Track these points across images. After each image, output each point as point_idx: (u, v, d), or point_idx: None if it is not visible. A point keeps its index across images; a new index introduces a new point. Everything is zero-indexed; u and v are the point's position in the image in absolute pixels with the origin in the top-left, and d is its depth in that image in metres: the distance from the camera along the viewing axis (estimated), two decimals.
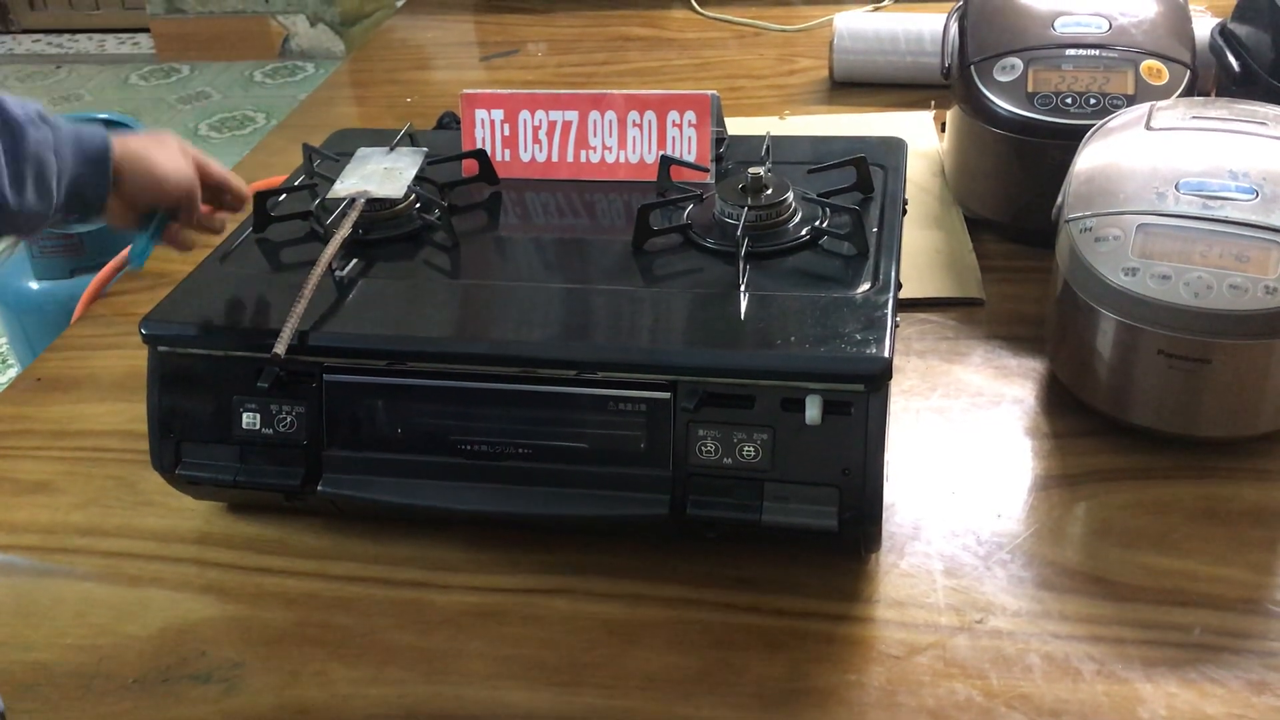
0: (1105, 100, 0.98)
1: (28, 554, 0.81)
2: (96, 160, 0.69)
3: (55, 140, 0.66)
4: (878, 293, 0.73)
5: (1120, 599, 0.70)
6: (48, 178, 0.65)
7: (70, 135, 0.68)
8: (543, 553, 0.76)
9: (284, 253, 0.84)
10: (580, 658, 0.69)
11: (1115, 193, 0.80)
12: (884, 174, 0.87)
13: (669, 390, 0.70)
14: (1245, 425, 0.79)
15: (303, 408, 0.74)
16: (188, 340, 0.75)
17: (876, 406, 0.67)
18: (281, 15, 3.87)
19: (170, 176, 0.72)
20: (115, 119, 2.14)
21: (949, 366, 0.90)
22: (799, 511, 0.69)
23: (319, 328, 0.74)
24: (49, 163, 0.65)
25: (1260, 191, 0.77)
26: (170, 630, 0.73)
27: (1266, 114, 0.84)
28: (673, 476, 0.70)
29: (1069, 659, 0.66)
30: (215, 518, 0.81)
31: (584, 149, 0.91)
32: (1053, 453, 0.82)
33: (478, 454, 0.72)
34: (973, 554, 0.74)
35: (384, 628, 0.72)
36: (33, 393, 0.97)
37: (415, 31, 1.75)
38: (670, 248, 0.81)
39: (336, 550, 0.78)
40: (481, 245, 0.85)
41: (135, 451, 0.84)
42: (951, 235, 1.05)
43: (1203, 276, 0.74)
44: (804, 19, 1.61)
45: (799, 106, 1.36)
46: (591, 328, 0.75)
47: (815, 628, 0.70)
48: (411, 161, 0.89)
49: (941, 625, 0.69)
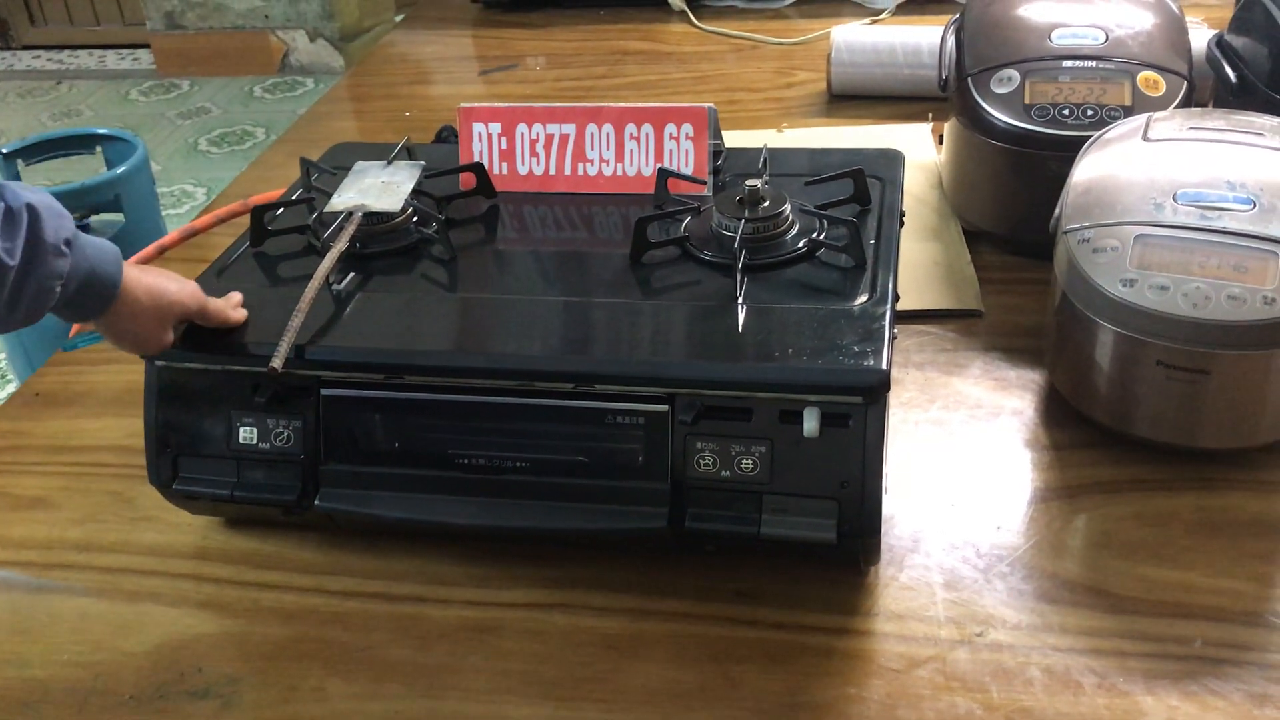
0: (1102, 111, 0.98)
1: (25, 570, 0.80)
2: (101, 295, 0.68)
3: (71, 271, 0.65)
4: (875, 304, 0.73)
5: (1121, 611, 0.70)
6: (43, 305, 0.65)
7: (87, 265, 0.66)
8: (541, 567, 0.76)
9: (281, 267, 0.84)
10: (579, 673, 0.69)
11: (1113, 204, 0.80)
12: (881, 186, 0.87)
13: (667, 403, 0.69)
14: (1245, 436, 0.79)
15: (300, 422, 0.74)
16: (185, 355, 0.75)
17: (875, 418, 0.67)
18: (281, 30, 3.88)
19: (136, 346, 0.73)
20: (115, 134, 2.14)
21: (948, 378, 0.90)
22: (797, 524, 0.68)
23: (316, 342, 0.74)
24: (52, 293, 0.65)
25: (1258, 202, 0.77)
26: (167, 646, 0.73)
27: (1263, 125, 0.84)
28: (671, 489, 0.70)
29: (1070, 672, 0.66)
30: (213, 532, 0.81)
31: (581, 162, 0.91)
32: (1052, 464, 0.82)
33: (475, 468, 0.72)
34: (972, 566, 0.74)
35: (382, 643, 0.72)
36: (30, 408, 0.97)
37: (414, 46, 1.76)
38: (668, 260, 0.81)
39: (334, 565, 0.78)
40: (479, 258, 0.85)
41: (133, 466, 0.84)
42: (950, 247, 1.05)
43: (1201, 287, 0.74)
44: (802, 32, 1.61)
45: (797, 119, 1.36)
46: (589, 341, 0.75)
47: (815, 641, 0.70)
48: (409, 175, 0.89)
49: (941, 638, 0.69)
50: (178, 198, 3.17)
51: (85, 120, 3.72)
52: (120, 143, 2.11)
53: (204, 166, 3.36)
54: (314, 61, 3.92)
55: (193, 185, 3.24)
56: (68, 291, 0.66)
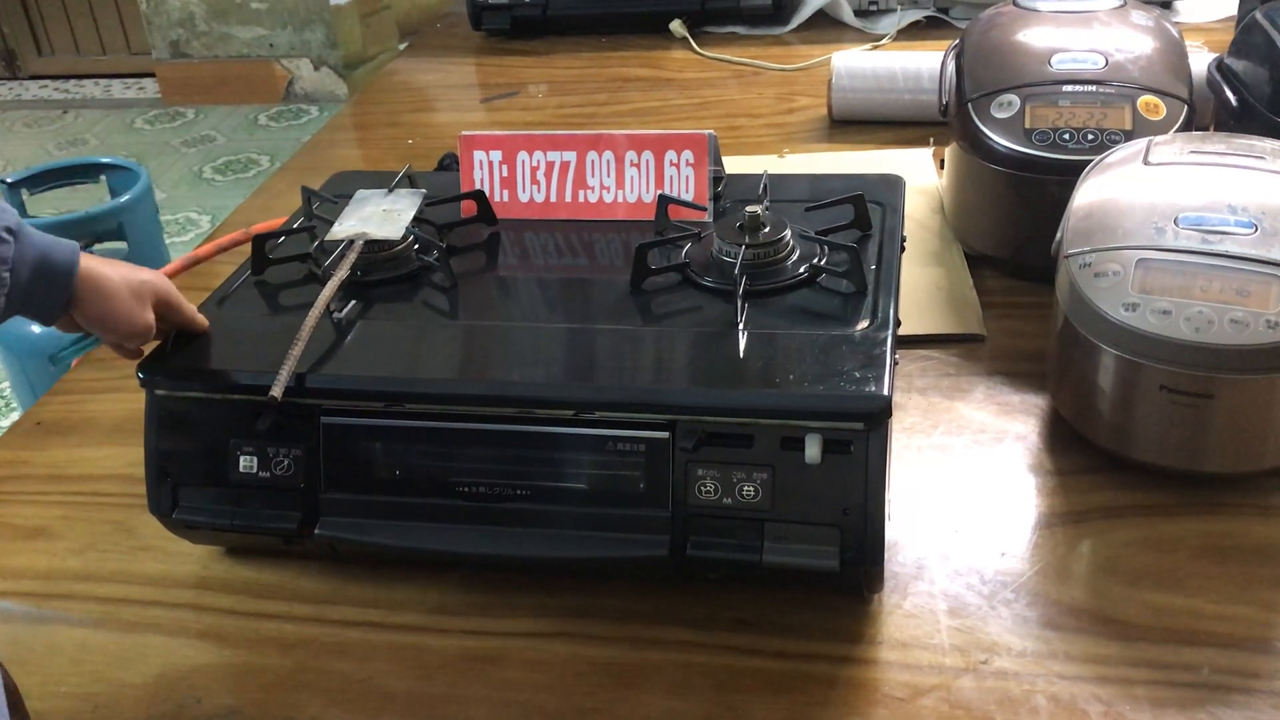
0: (1103, 136, 0.98)
1: (24, 600, 0.80)
2: (57, 282, 0.69)
3: (16, 256, 0.66)
4: (876, 330, 0.73)
5: (1127, 638, 0.69)
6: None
7: (35, 253, 0.68)
8: (542, 595, 0.75)
9: (282, 295, 0.84)
10: (581, 703, 0.68)
11: (1114, 228, 0.80)
12: (882, 211, 0.87)
13: (668, 430, 0.69)
14: (1250, 461, 0.78)
15: (300, 450, 0.74)
16: (185, 384, 0.75)
17: (876, 445, 0.67)
18: (285, 59, 3.91)
19: (120, 325, 0.73)
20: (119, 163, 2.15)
21: (951, 403, 0.90)
22: (800, 552, 0.68)
23: (317, 370, 0.74)
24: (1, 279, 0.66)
25: (1260, 225, 0.76)
26: (166, 677, 0.72)
27: (1264, 148, 0.84)
28: (672, 517, 0.69)
29: (1075, 700, 0.65)
30: (213, 562, 0.81)
31: (582, 189, 0.91)
32: (1056, 490, 0.81)
33: (476, 496, 0.72)
34: (977, 593, 0.73)
35: (382, 673, 0.71)
36: (32, 437, 0.97)
37: (417, 74, 1.76)
38: (668, 287, 0.81)
39: (335, 594, 0.77)
40: (480, 286, 0.85)
41: (133, 495, 0.84)
42: (952, 271, 1.05)
43: (1203, 311, 0.74)
44: (803, 58, 1.62)
45: (798, 145, 1.36)
46: (589, 368, 0.75)
47: (818, 670, 0.69)
48: (410, 203, 0.89)
49: (946, 666, 0.68)
50: (182, 225, 3.19)
51: (91, 149, 3.75)
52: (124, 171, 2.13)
53: (209, 194, 3.38)
54: (318, 90, 3.94)
55: (197, 213, 3.26)
56: (20, 279, 0.66)
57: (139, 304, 0.73)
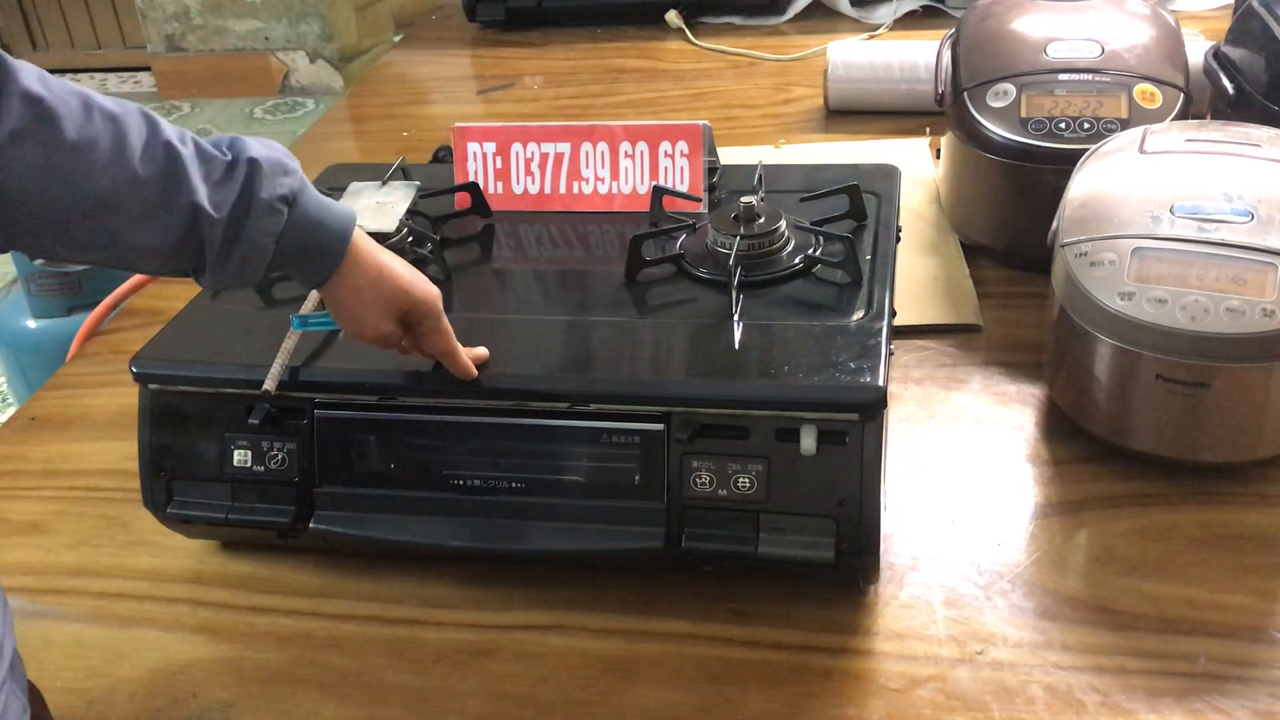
0: (1099, 124, 0.97)
1: (19, 595, 0.80)
2: (319, 264, 0.65)
3: (285, 230, 0.62)
4: (872, 320, 0.73)
5: (1123, 628, 0.69)
6: (257, 263, 0.62)
7: (306, 228, 0.63)
8: (537, 588, 0.75)
9: (275, 288, 0.83)
10: (577, 695, 0.68)
11: (1110, 217, 0.80)
12: (877, 201, 0.87)
13: (662, 422, 0.69)
14: (1246, 450, 0.78)
15: (294, 444, 0.74)
16: (178, 378, 0.75)
17: (872, 435, 0.67)
18: (281, 52, 3.90)
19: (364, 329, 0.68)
20: None
21: (947, 393, 0.89)
22: (795, 543, 0.68)
23: (310, 363, 0.73)
24: (265, 251, 0.62)
25: (1256, 214, 0.76)
26: (161, 672, 0.72)
27: (1261, 136, 0.84)
28: (667, 509, 0.69)
29: (1072, 690, 0.65)
30: (208, 556, 0.81)
31: (576, 180, 0.91)
32: (1053, 480, 0.81)
33: (470, 489, 0.72)
34: (973, 584, 0.73)
35: (377, 667, 0.71)
36: (27, 432, 0.97)
37: (412, 66, 1.76)
38: (663, 278, 0.81)
39: (329, 588, 0.77)
40: (473, 278, 0.85)
41: (128, 490, 0.84)
42: (948, 261, 1.05)
43: (1199, 300, 0.74)
44: (799, 49, 1.61)
45: (794, 135, 1.36)
46: (583, 360, 0.75)
47: (814, 661, 0.69)
48: (404, 195, 0.89)
49: (942, 657, 0.68)
50: None
51: None
52: None
53: None
54: (314, 82, 3.93)
55: None
56: (284, 252, 0.63)
57: (382, 313, 0.67)
